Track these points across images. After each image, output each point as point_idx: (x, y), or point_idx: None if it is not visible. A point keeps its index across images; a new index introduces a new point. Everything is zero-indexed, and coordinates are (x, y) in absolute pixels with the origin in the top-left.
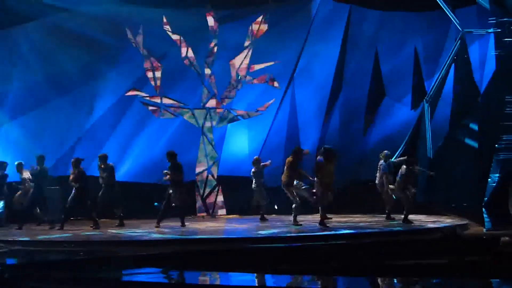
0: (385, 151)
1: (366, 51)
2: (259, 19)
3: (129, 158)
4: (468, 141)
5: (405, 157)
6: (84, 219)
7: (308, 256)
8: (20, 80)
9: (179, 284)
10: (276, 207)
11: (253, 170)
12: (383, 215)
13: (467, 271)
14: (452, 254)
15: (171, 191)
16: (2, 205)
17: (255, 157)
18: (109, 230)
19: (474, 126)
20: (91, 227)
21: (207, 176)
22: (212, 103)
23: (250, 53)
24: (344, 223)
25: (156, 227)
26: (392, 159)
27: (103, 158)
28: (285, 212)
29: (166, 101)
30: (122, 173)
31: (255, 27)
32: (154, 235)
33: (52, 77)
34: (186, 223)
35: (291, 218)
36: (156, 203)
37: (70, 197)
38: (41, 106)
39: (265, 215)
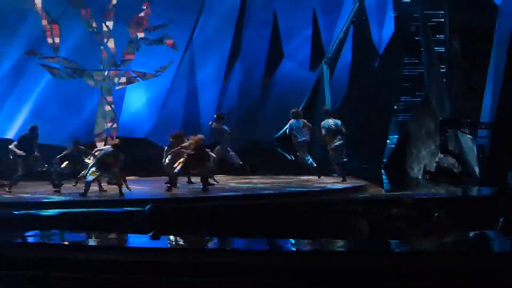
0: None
1: (264, 12)
2: None
3: (27, 120)
4: (367, 102)
5: None
6: None
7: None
8: None
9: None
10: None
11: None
12: (281, 177)
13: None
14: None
15: None
16: None
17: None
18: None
19: (373, 87)
20: None
21: (106, 138)
22: (110, 64)
23: (149, 14)
24: (244, 184)
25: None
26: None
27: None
28: None
29: (65, 62)
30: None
31: None
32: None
33: None
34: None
35: None
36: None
37: None
38: None
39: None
